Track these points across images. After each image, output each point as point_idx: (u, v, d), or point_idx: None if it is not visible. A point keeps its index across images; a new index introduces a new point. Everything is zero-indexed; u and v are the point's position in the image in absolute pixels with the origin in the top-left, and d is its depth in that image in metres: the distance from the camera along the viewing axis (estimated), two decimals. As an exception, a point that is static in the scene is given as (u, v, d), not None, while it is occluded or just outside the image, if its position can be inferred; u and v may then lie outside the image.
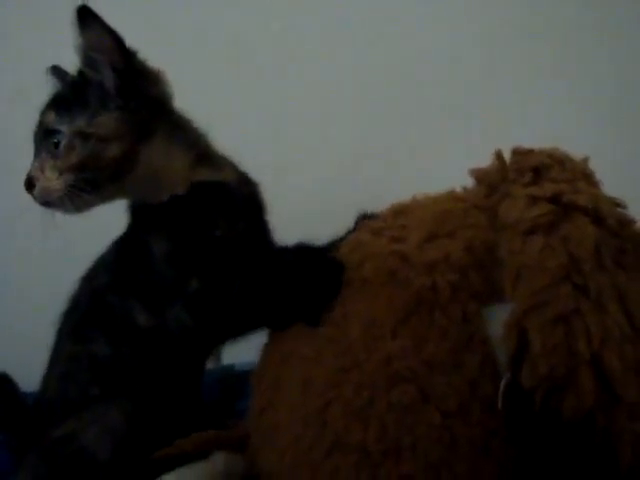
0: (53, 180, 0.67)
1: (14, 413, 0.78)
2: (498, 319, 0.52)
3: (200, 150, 0.73)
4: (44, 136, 0.68)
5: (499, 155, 0.62)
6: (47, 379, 0.74)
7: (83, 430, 0.67)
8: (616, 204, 0.57)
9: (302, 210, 0.98)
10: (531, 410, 0.49)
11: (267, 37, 1.16)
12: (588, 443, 0.48)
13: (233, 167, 0.76)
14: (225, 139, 0.76)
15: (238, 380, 0.84)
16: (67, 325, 0.75)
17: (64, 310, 0.75)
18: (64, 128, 0.67)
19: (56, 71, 0.74)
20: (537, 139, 0.61)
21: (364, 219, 0.71)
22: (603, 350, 0.48)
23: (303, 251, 0.67)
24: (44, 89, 0.72)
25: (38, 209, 0.68)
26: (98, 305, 0.72)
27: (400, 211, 0.65)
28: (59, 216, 0.69)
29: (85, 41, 0.67)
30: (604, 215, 0.54)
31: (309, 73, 1.15)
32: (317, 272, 0.63)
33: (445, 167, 0.66)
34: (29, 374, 0.74)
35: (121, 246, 0.75)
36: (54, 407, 0.71)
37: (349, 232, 0.72)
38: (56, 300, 0.75)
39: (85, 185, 0.67)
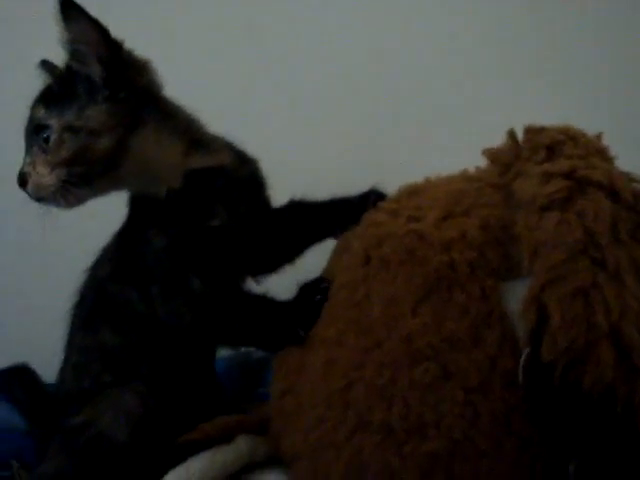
0: (45, 175, 0.66)
1: (36, 403, 0.79)
2: (516, 295, 0.53)
3: (193, 136, 0.72)
4: (34, 131, 0.68)
5: (512, 134, 0.62)
6: (63, 371, 0.75)
7: (99, 415, 0.68)
8: (630, 179, 0.58)
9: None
10: (551, 384, 0.49)
11: (272, 27, 1.16)
12: (609, 415, 0.49)
13: (229, 149, 0.75)
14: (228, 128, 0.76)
15: (258, 365, 0.85)
16: (77, 317, 0.75)
17: (73, 302, 0.76)
18: (53, 122, 0.66)
19: (46, 65, 0.73)
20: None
21: (373, 195, 0.71)
22: (622, 322, 0.49)
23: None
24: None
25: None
26: (102, 295, 0.73)
27: (414, 192, 0.65)
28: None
29: (70, 34, 0.66)
30: (619, 189, 0.54)
31: (314, 66, 1.14)
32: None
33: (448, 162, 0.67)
34: (52, 365, 0.75)
35: (122, 237, 0.75)
36: (71, 397, 0.72)
37: (358, 197, 0.73)
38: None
39: (77, 179, 0.67)
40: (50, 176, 0.66)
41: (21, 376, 0.80)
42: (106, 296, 0.73)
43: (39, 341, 0.73)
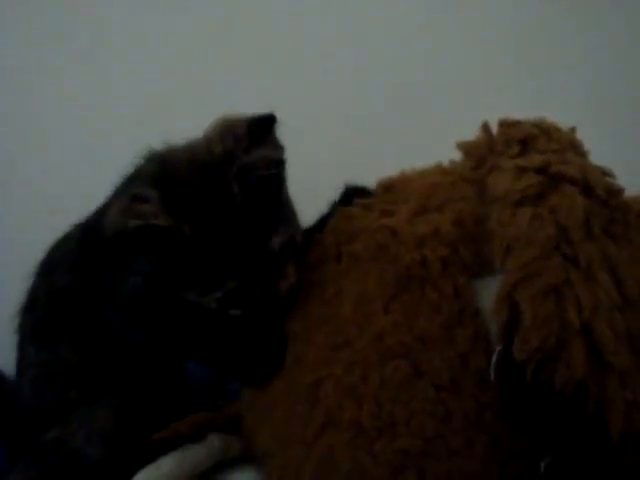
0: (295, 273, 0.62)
1: (4, 408, 0.77)
2: (489, 292, 0.52)
3: None
4: (279, 257, 0.60)
5: (486, 127, 0.62)
6: (20, 383, 0.72)
7: (73, 433, 0.67)
8: (604, 173, 0.57)
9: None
10: (524, 382, 0.49)
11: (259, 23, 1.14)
12: (580, 413, 0.48)
13: None
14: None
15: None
16: (28, 324, 0.71)
17: (22, 306, 0.72)
18: (291, 230, 0.61)
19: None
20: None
21: (350, 193, 0.69)
22: (594, 319, 0.48)
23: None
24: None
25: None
26: (59, 307, 0.69)
27: (389, 185, 0.65)
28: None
29: (264, 155, 0.59)
30: (593, 185, 0.54)
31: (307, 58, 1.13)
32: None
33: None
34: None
35: (88, 249, 0.68)
36: (36, 412, 0.69)
37: (334, 205, 0.70)
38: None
39: None
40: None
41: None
42: (65, 309, 0.68)
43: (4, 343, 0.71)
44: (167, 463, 0.63)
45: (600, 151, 0.59)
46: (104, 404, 0.67)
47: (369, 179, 0.69)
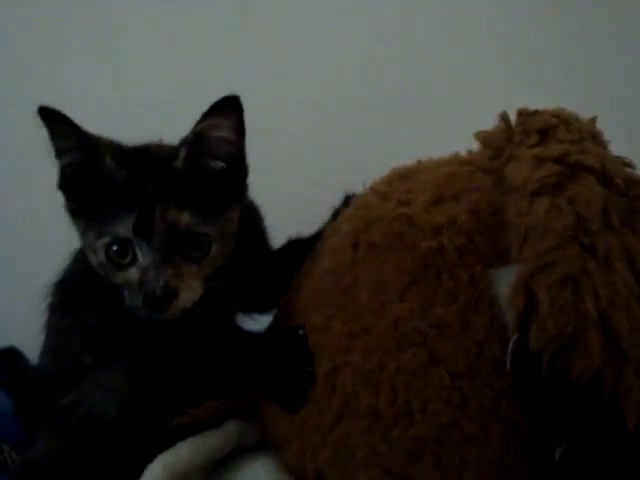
0: (197, 289, 0.60)
1: (23, 386, 0.79)
2: (505, 281, 0.52)
3: None
4: (178, 238, 0.60)
5: (504, 117, 0.62)
6: (41, 355, 0.73)
7: (86, 395, 0.67)
8: (624, 164, 0.57)
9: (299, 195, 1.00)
10: (539, 371, 0.49)
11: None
12: (596, 402, 0.48)
13: None
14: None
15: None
16: (58, 296, 0.72)
17: (54, 282, 0.73)
18: (211, 232, 0.61)
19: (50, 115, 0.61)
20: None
21: (350, 198, 0.71)
22: (611, 310, 0.48)
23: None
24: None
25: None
26: (93, 280, 0.68)
27: (405, 175, 0.64)
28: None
29: (220, 132, 0.61)
30: (611, 175, 0.53)
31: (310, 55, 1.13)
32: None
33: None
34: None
35: None
36: (52, 380, 0.70)
37: (335, 212, 0.72)
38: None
39: None
40: (200, 288, 0.61)
41: (9, 359, 0.80)
42: (98, 282, 0.68)
43: (26, 324, 0.72)
44: (185, 449, 0.63)
45: (620, 142, 0.59)
46: (115, 368, 0.67)
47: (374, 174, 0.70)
